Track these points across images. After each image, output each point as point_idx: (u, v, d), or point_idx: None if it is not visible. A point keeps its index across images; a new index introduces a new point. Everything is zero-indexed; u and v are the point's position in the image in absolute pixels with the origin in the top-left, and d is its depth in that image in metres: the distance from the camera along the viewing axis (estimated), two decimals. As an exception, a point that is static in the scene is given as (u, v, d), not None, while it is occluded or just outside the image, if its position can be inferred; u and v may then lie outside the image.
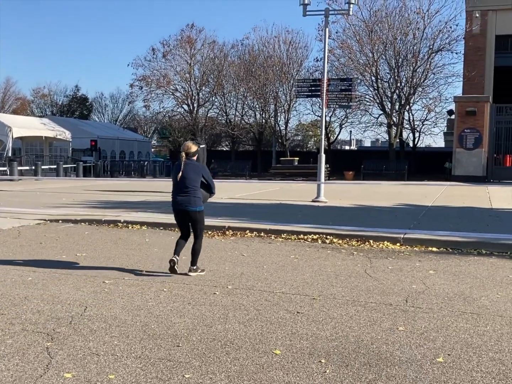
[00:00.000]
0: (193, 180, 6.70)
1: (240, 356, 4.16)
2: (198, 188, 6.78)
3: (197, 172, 6.78)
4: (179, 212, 6.82)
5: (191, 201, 6.70)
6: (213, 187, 7.12)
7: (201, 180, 6.83)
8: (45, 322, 4.87)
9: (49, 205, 13.53)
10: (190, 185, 6.68)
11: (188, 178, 6.67)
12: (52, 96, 65.03)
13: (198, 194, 6.77)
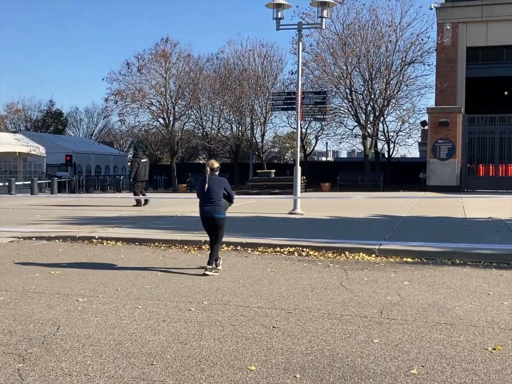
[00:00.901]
0: (216, 192, 7.83)
1: (214, 373, 4.14)
2: (221, 198, 7.89)
3: (220, 185, 7.91)
4: (207, 220, 7.97)
5: (216, 210, 7.84)
6: (232, 197, 8.17)
7: (223, 191, 7.94)
8: (17, 343, 4.79)
9: (23, 222, 13.34)
10: (214, 196, 7.81)
11: (212, 190, 7.80)
12: (26, 111, 64.32)
13: (221, 204, 7.88)
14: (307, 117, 15.76)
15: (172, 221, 13.86)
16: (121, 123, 39.39)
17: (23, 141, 33.21)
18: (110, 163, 46.06)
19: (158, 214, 15.50)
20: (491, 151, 26.64)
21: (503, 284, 7.13)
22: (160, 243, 10.45)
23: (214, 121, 39.72)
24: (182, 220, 14.24)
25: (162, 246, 10.29)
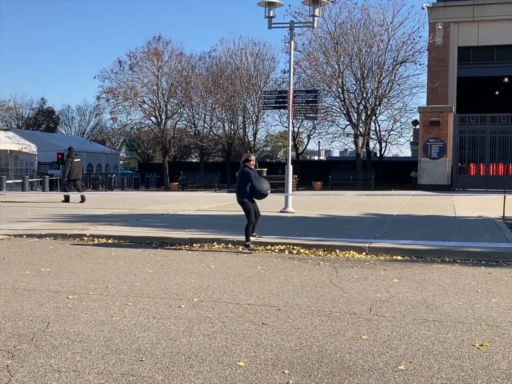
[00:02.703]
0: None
1: (203, 369, 4.16)
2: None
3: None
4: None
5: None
6: (255, 186, 9.61)
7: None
8: (6, 340, 4.79)
9: (14, 220, 13.29)
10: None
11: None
12: (17, 109, 63.98)
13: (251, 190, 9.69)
14: (298, 116, 15.80)
15: (163, 219, 13.85)
16: (113, 121, 39.29)
17: (14, 139, 33.01)
18: (102, 161, 45.89)
19: (150, 212, 15.48)
20: (482, 150, 26.80)
21: (492, 282, 7.19)
22: (151, 241, 10.45)
23: (206, 119, 39.67)
24: (173, 218, 14.23)
25: (153, 244, 10.29)
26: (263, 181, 9.88)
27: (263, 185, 9.69)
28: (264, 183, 9.79)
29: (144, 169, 48.49)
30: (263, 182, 9.82)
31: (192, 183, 34.43)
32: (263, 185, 9.71)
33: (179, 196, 23.56)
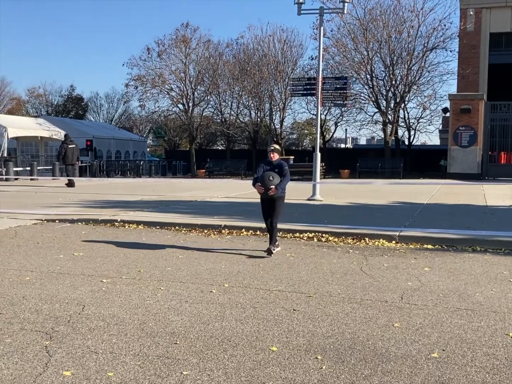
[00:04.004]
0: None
1: (237, 353, 4.21)
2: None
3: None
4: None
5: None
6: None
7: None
8: (44, 321, 4.91)
9: (46, 205, 13.53)
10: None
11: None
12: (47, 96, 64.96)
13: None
14: (327, 103, 15.70)
15: (191, 206, 13.95)
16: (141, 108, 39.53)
17: (45, 125, 33.49)
18: (130, 148, 46.28)
19: (178, 199, 15.61)
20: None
21: (525, 272, 7.10)
22: (181, 227, 10.55)
23: (233, 107, 39.69)
24: (201, 205, 14.33)
25: (182, 230, 10.38)
26: (265, 178, 7.87)
27: (262, 181, 7.89)
28: (265, 180, 7.86)
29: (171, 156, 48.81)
30: (262, 179, 7.91)
31: (219, 170, 34.54)
32: (262, 181, 7.90)
33: (206, 183, 23.67)
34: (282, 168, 8.01)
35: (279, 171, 7.97)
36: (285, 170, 8.00)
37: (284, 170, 8.00)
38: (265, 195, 7.99)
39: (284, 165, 8.11)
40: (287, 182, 8.09)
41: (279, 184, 7.88)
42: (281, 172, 7.98)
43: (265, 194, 7.95)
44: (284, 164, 8.16)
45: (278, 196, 8.01)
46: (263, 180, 7.88)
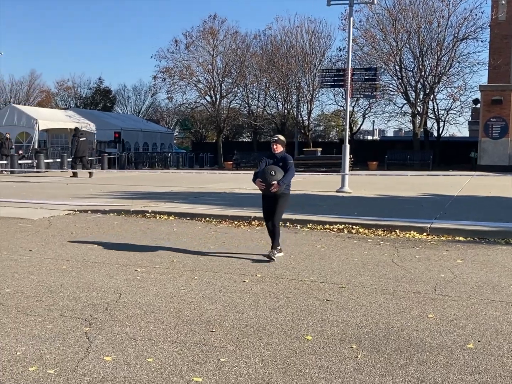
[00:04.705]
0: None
1: (272, 341, 4.26)
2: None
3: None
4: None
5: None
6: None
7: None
8: (82, 309, 5.03)
9: (78, 196, 13.77)
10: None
11: None
12: (76, 88, 65.79)
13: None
14: (356, 95, 15.61)
15: (221, 198, 14.05)
16: (169, 100, 39.89)
17: (74, 117, 33.98)
18: (157, 140, 46.67)
19: (207, 191, 15.72)
20: (546, 130, 25.82)
21: (560, 265, 7.00)
22: (211, 218, 10.63)
23: (260, 99, 39.74)
24: (230, 196, 14.41)
25: (212, 221, 10.47)
26: (266, 173, 7.07)
27: (263, 177, 7.09)
28: (266, 175, 7.06)
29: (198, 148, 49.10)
30: (263, 174, 7.11)
31: (246, 162, 34.64)
32: (263, 176, 7.10)
33: (234, 175, 23.78)
34: (286, 162, 7.19)
35: (283, 165, 7.16)
36: (290, 163, 7.18)
37: (289, 163, 7.18)
38: (267, 192, 7.16)
39: (288, 158, 7.28)
40: (292, 177, 7.22)
41: (282, 179, 7.02)
42: (285, 166, 7.16)
43: (266, 191, 7.13)
44: (288, 157, 7.32)
45: (282, 193, 7.20)
46: (264, 175, 7.07)
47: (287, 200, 7.40)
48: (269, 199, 7.29)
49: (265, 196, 7.32)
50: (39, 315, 4.82)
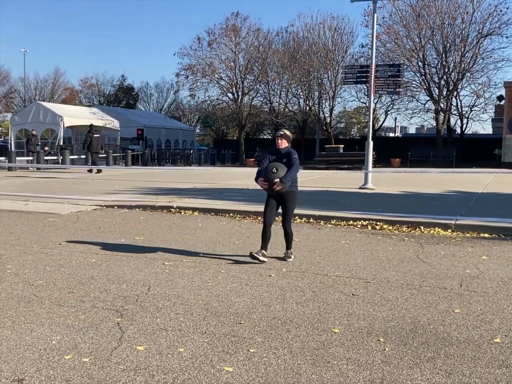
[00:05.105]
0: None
1: (300, 333, 4.33)
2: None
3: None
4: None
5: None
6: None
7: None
8: (113, 300, 5.15)
9: (104, 192, 13.98)
10: None
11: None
12: (99, 86, 66.43)
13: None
14: (379, 91, 15.57)
15: (244, 194, 14.13)
16: (191, 97, 40.09)
17: (98, 115, 34.37)
18: (179, 137, 46.93)
19: (230, 187, 15.82)
20: None
21: None
22: (235, 213, 10.72)
23: (282, 95, 39.74)
24: (253, 192, 14.47)
25: (236, 217, 10.56)
26: (268, 171, 6.65)
27: (265, 175, 6.68)
28: (268, 173, 6.63)
29: (219, 145, 49.28)
30: (265, 172, 6.69)
31: (267, 159, 34.63)
32: (265, 175, 6.68)
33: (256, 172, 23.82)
34: (290, 157, 6.71)
35: (287, 161, 6.69)
36: (294, 158, 6.70)
37: (293, 158, 6.70)
38: (270, 191, 6.71)
39: (293, 153, 6.78)
40: (296, 172, 6.73)
41: (285, 176, 6.55)
42: (289, 161, 6.68)
43: (270, 190, 6.67)
44: (293, 152, 6.82)
45: (288, 192, 6.74)
46: (266, 173, 6.61)
47: (295, 198, 6.94)
48: (275, 200, 6.86)
49: (270, 197, 6.88)
50: (72, 306, 4.95)
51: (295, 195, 6.93)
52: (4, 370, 3.60)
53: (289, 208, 6.87)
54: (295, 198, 6.94)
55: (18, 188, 15.48)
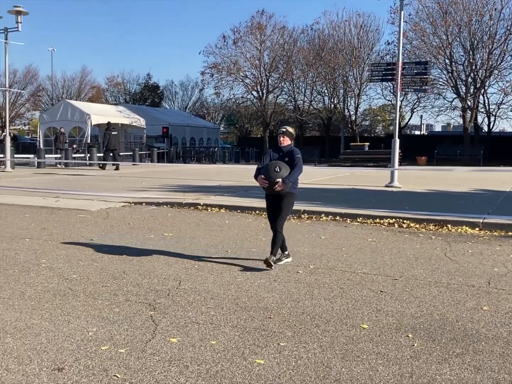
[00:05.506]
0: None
1: (329, 328, 4.41)
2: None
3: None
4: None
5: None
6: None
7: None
8: (145, 294, 5.28)
9: (131, 189, 14.20)
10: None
11: None
12: (125, 84, 67.10)
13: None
14: (406, 88, 15.50)
15: (270, 191, 14.19)
16: (216, 96, 40.28)
17: (125, 113, 34.79)
18: (204, 135, 47.21)
19: (256, 184, 15.83)
20: None
21: None
22: (261, 211, 10.80)
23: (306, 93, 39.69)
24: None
25: (263, 214, 10.63)
26: (270, 169, 6.25)
27: (266, 173, 6.26)
28: (270, 171, 6.23)
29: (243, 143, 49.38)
30: (267, 170, 6.29)
31: (292, 157, 34.64)
32: (266, 173, 6.27)
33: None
34: (293, 156, 6.32)
35: (289, 160, 6.31)
36: (297, 158, 6.30)
37: (296, 158, 6.30)
38: (270, 190, 6.35)
39: (296, 152, 6.38)
40: (299, 173, 6.33)
41: (288, 176, 6.18)
42: (291, 161, 6.30)
43: (270, 189, 6.30)
44: (296, 151, 6.42)
45: (287, 193, 6.39)
46: (267, 171, 6.23)
47: (293, 200, 6.56)
48: (273, 199, 6.53)
49: (269, 196, 6.60)
50: (106, 299, 5.10)
51: (294, 197, 6.57)
52: (44, 360, 3.74)
53: (284, 209, 6.45)
54: (293, 200, 6.58)
55: (47, 185, 15.80)
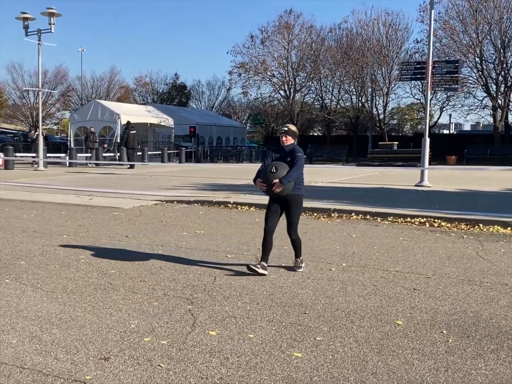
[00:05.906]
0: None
1: (364, 324, 4.48)
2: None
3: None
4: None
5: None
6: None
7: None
8: (183, 289, 5.43)
9: (162, 187, 14.42)
10: None
11: None
12: (153, 84, 67.77)
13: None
14: (437, 87, 15.43)
15: (299, 190, 14.26)
16: (243, 95, 40.47)
17: (153, 112, 35.19)
18: (230, 135, 47.44)
19: (284, 183, 15.96)
20: None
21: None
22: (291, 209, 10.88)
23: (334, 92, 39.61)
24: (307, 189, 14.51)
25: (293, 213, 10.72)
26: (267, 171, 5.88)
27: (264, 175, 5.91)
28: (267, 173, 5.86)
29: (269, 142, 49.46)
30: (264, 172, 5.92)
31: (319, 156, 34.70)
32: (264, 175, 5.92)
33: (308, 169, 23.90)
34: (294, 155, 5.91)
35: (291, 160, 5.91)
36: (298, 156, 5.90)
37: (297, 156, 5.90)
38: (270, 193, 5.98)
39: (297, 150, 5.95)
40: (299, 172, 5.93)
41: (286, 176, 5.76)
42: (293, 160, 5.91)
43: (270, 192, 5.94)
44: (297, 149, 5.98)
45: (292, 195, 5.98)
46: (265, 173, 5.86)
47: (300, 202, 6.14)
48: (278, 204, 6.11)
49: (272, 200, 6.16)
50: (145, 294, 5.25)
51: (300, 199, 6.13)
52: (90, 349, 3.90)
53: (292, 213, 6.08)
54: (300, 202, 6.14)
55: (80, 183, 16.13)
